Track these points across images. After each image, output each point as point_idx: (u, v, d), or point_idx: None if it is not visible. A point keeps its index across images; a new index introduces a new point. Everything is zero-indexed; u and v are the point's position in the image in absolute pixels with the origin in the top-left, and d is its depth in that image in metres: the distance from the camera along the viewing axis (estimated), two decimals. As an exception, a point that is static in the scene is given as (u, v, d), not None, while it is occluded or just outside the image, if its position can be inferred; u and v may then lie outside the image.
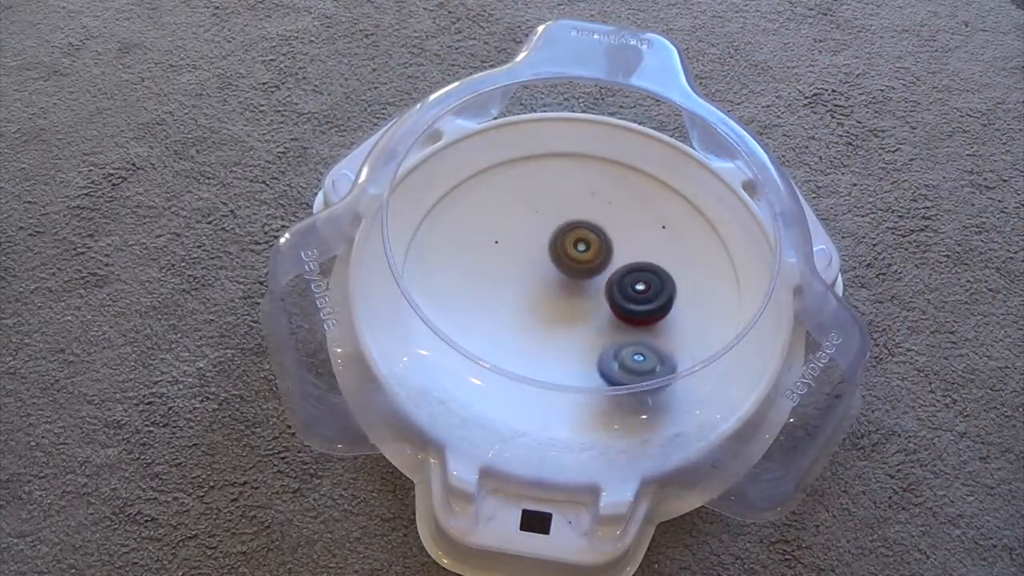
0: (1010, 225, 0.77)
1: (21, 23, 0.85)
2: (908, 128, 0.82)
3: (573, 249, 0.68)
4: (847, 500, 0.65)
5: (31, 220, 0.74)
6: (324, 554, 0.62)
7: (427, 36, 0.86)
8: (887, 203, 0.78)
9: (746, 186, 0.70)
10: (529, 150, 0.73)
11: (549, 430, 0.61)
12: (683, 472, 0.60)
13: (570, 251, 0.68)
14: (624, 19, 0.88)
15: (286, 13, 0.87)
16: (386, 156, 0.67)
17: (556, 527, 0.59)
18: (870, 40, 0.87)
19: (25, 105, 0.80)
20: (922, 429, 0.68)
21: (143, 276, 0.72)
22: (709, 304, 0.67)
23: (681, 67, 0.72)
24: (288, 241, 0.63)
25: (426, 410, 0.61)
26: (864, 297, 0.73)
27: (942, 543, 0.64)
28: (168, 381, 0.68)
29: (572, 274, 0.68)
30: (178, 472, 0.64)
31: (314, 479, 0.64)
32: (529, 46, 0.73)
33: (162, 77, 0.82)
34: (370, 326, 0.63)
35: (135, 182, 0.77)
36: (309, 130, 0.80)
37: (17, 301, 0.71)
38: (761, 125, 0.81)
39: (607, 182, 0.72)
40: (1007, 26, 0.89)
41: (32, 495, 0.64)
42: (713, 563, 0.63)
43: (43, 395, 0.67)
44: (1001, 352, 0.71)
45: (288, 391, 0.62)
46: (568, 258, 0.68)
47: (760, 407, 0.61)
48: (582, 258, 0.68)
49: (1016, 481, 0.66)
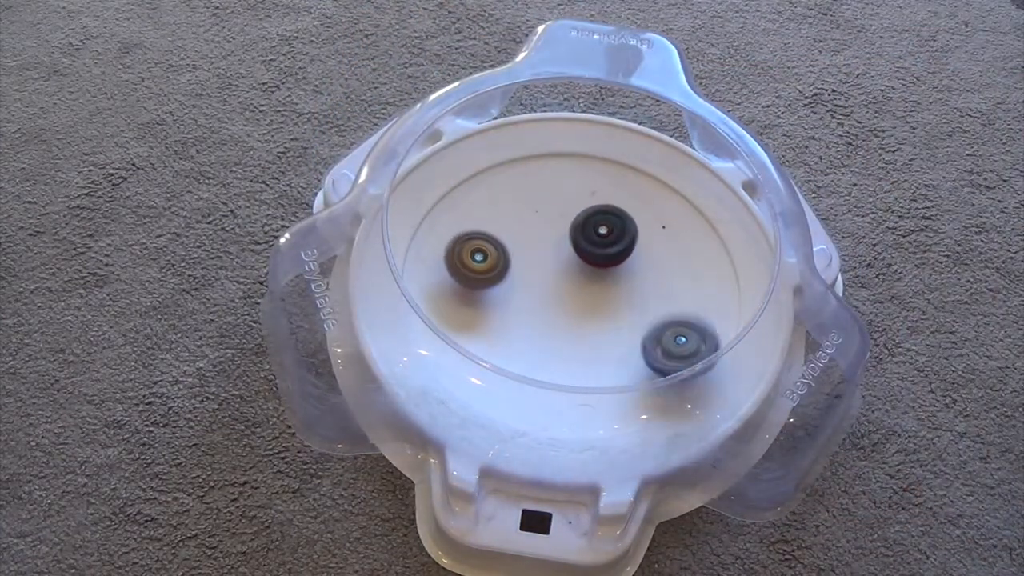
0: (1010, 225, 0.77)
1: (21, 23, 0.85)
2: (908, 128, 0.82)
3: (470, 259, 0.67)
4: (847, 500, 0.65)
5: (31, 220, 0.74)
6: (324, 554, 0.62)
7: (427, 36, 0.86)
8: (887, 203, 0.78)
9: (746, 186, 0.70)
10: (529, 150, 0.73)
11: (549, 430, 0.61)
12: (683, 472, 0.60)
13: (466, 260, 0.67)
14: (624, 19, 0.88)
15: (286, 13, 0.87)
16: (386, 156, 0.67)
17: (556, 527, 0.59)
18: (870, 40, 0.87)
19: (25, 105, 0.80)
20: (922, 429, 0.68)
21: (143, 276, 0.72)
22: (709, 304, 0.67)
23: (681, 67, 0.72)
24: (288, 241, 0.63)
25: (426, 410, 0.61)
26: (864, 297, 0.73)
27: (942, 543, 0.64)
28: (168, 381, 0.68)
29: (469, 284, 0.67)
30: (178, 472, 0.64)
31: (314, 479, 0.64)
32: (529, 46, 0.73)
33: (162, 77, 0.82)
34: (370, 326, 0.63)
35: (135, 182, 0.77)
36: (309, 130, 0.80)
37: (17, 301, 0.71)
38: (761, 125, 0.81)
39: (607, 182, 0.72)
40: (1007, 26, 0.89)
41: (32, 495, 0.64)
42: (713, 563, 0.63)
43: (43, 395, 0.67)
44: (1001, 352, 0.71)
45: (288, 391, 0.62)
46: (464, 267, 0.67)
47: (760, 407, 0.61)
48: (480, 268, 0.67)
49: (1016, 481, 0.66)
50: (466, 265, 0.67)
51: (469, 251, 0.67)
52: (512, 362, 0.60)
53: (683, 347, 0.62)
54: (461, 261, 0.67)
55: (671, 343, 0.63)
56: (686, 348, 0.62)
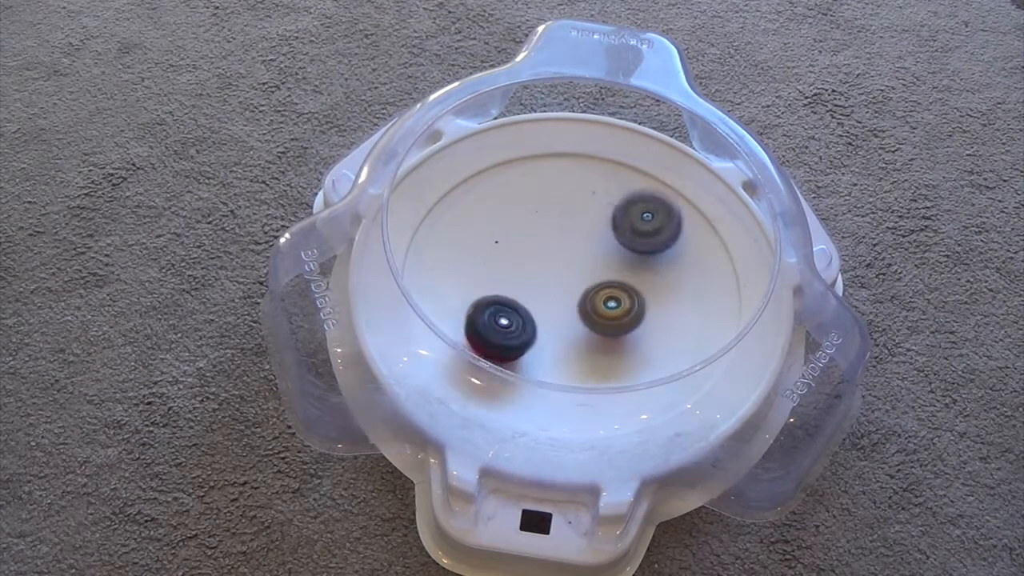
0: (1010, 225, 0.77)
1: (21, 23, 0.85)
2: (908, 128, 0.82)
3: (603, 307, 0.66)
4: (847, 500, 0.65)
5: (31, 220, 0.74)
6: (324, 554, 0.62)
7: (427, 36, 0.86)
8: (887, 203, 0.78)
9: (746, 186, 0.70)
10: (529, 150, 0.73)
11: (549, 430, 0.61)
12: (683, 472, 0.60)
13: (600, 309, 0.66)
14: (624, 19, 0.88)
15: (286, 13, 0.87)
16: (386, 156, 0.67)
17: (556, 527, 0.59)
18: (870, 40, 0.87)
19: (25, 105, 0.80)
20: (922, 429, 0.68)
21: (143, 276, 0.72)
22: (709, 304, 0.67)
23: (681, 67, 0.72)
24: (288, 241, 0.63)
25: (426, 410, 0.61)
26: (864, 297, 0.73)
27: (942, 543, 0.64)
28: (168, 381, 0.68)
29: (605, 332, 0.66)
30: (178, 472, 0.65)
31: (314, 479, 0.64)
32: (529, 46, 0.73)
33: (162, 77, 0.82)
34: (370, 326, 0.63)
35: (135, 182, 0.77)
36: (309, 130, 0.80)
37: (17, 301, 0.71)
38: (761, 125, 0.81)
39: (607, 182, 0.72)
40: (1007, 26, 0.89)
41: (32, 495, 0.64)
42: (713, 563, 0.63)
43: (43, 395, 0.67)
44: (1001, 352, 0.71)
45: (288, 391, 0.62)
46: (599, 316, 0.66)
47: (760, 407, 0.61)
48: (613, 314, 0.66)
49: (1016, 481, 0.66)
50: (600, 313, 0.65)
51: (602, 299, 0.66)
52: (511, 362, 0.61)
53: (649, 223, 0.67)
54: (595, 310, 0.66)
55: (638, 220, 0.67)
56: (651, 224, 0.67)
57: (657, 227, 0.69)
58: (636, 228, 0.69)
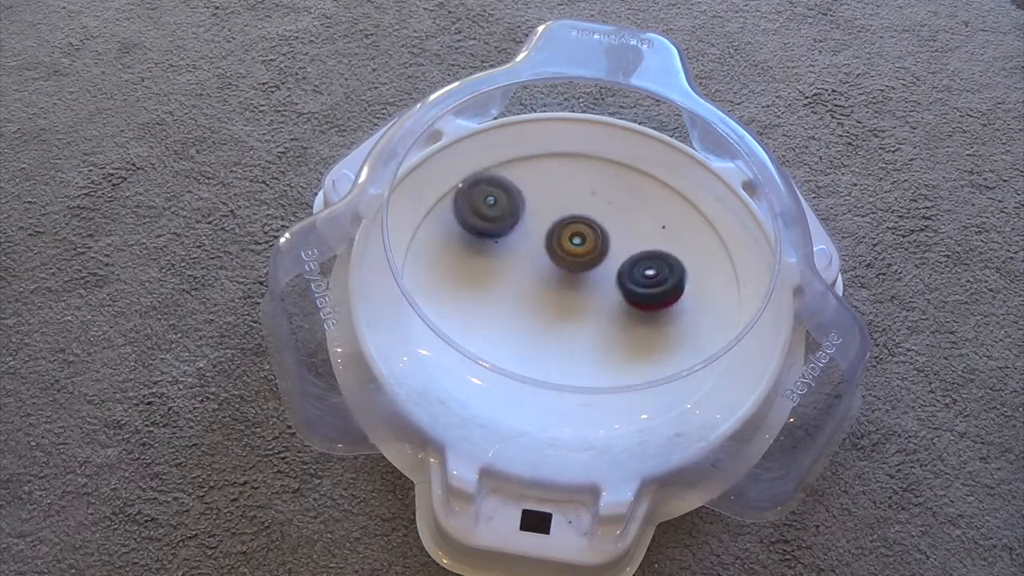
0: (1010, 225, 0.77)
1: (21, 23, 0.85)
2: (908, 128, 0.82)
3: (568, 243, 0.68)
4: (847, 500, 0.65)
5: (31, 220, 0.74)
6: (324, 554, 0.62)
7: (427, 36, 0.86)
8: (887, 203, 0.78)
9: (746, 186, 0.70)
10: (529, 150, 0.73)
11: (549, 430, 0.61)
12: (683, 472, 0.60)
13: (566, 245, 0.68)
14: (624, 19, 0.88)
15: (286, 13, 0.87)
16: (386, 156, 0.67)
17: (556, 527, 0.59)
18: (870, 40, 0.87)
19: (25, 105, 0.80)
20: (922, 429, 0.68)
21: (143, 276, 0.72)
22: (709, 304, 0.67)
23: (681, 67, 0.72)
24: (288, 241, 0.63)
25: (426, 410, 0.61)
26: (864, 297, 0.73)
27: (942, 543, 0.64)
28: (168, 381, 0.68)
29: (569, 268, 0.68)
30: (178, 472, 0.65)
31: (314, 479, 0.64)
32: (529, 46, 0.73)
33: (162, 77, 0.82)
34: (370, 326, 0.63)
35: (135, 182, 0.77)
36: (309, 130, 0.80)
37: (17, 301, 0.71)
38: (761, 125, 0.81)
39: (607, 182, 0.72)
40: (1007, 26, 0.89)
41: (32, 495, 0.64)
42: (713, 563, 0.63)
43: (43, 395, 0.67)
44: (1001, 352, 0.71)
45: (288, 391, 0.62)
46: (564, 252, 0.68)
47: (760, 407, 0.61)
48: (578, 251, 0.68)
49: (1016, 481, 0.66)
50: (565, 249, 0.68)
51: (568, 235, 0.68)
52: (512, 362, 0.61)
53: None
54: (560, 245, 0.68)
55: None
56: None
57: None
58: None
